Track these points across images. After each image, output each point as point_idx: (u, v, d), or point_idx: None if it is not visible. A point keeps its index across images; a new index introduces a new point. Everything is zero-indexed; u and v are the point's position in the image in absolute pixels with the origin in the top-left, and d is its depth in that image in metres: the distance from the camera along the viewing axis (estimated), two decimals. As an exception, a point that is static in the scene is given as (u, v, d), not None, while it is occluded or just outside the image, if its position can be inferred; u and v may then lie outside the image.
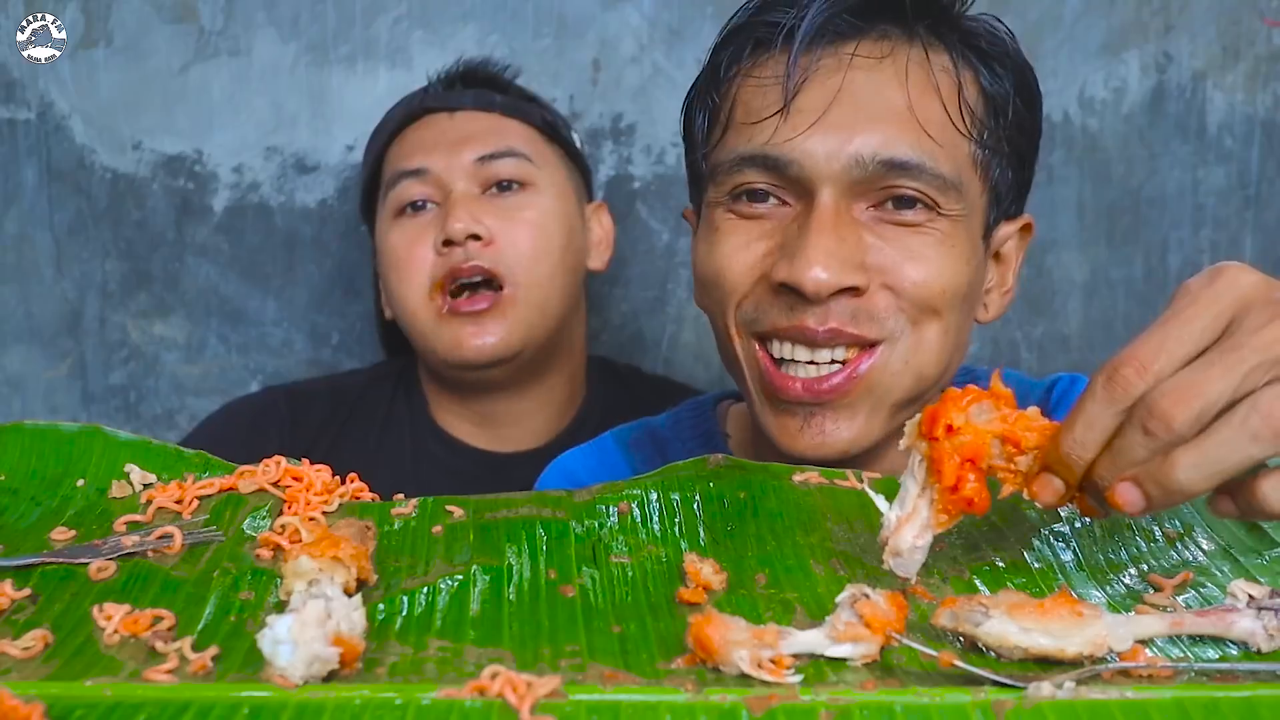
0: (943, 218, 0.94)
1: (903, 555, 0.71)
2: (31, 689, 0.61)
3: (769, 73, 0.95)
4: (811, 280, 0.90)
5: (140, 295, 1.71)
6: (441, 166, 1.44)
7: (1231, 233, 1.70)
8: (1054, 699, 0.59)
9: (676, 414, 1.20)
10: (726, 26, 1.00)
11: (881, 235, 0.93)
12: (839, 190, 0.92)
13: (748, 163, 0.95)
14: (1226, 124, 1.70)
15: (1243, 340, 0.63)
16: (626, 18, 1.66)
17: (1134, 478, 0.65)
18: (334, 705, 0.60)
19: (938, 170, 0.93)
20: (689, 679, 0.62)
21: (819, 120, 0.92)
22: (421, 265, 1.43)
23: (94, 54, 1.66)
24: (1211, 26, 1.68)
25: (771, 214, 0.96)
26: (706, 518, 0.80)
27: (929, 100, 0.94)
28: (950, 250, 0.94)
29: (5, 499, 0.85)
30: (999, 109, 0.97)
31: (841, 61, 0.94)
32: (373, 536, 0.77)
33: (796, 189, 0.94)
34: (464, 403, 1.51)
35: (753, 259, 0.96)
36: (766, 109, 0.94)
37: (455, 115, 1.47)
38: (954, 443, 0.69)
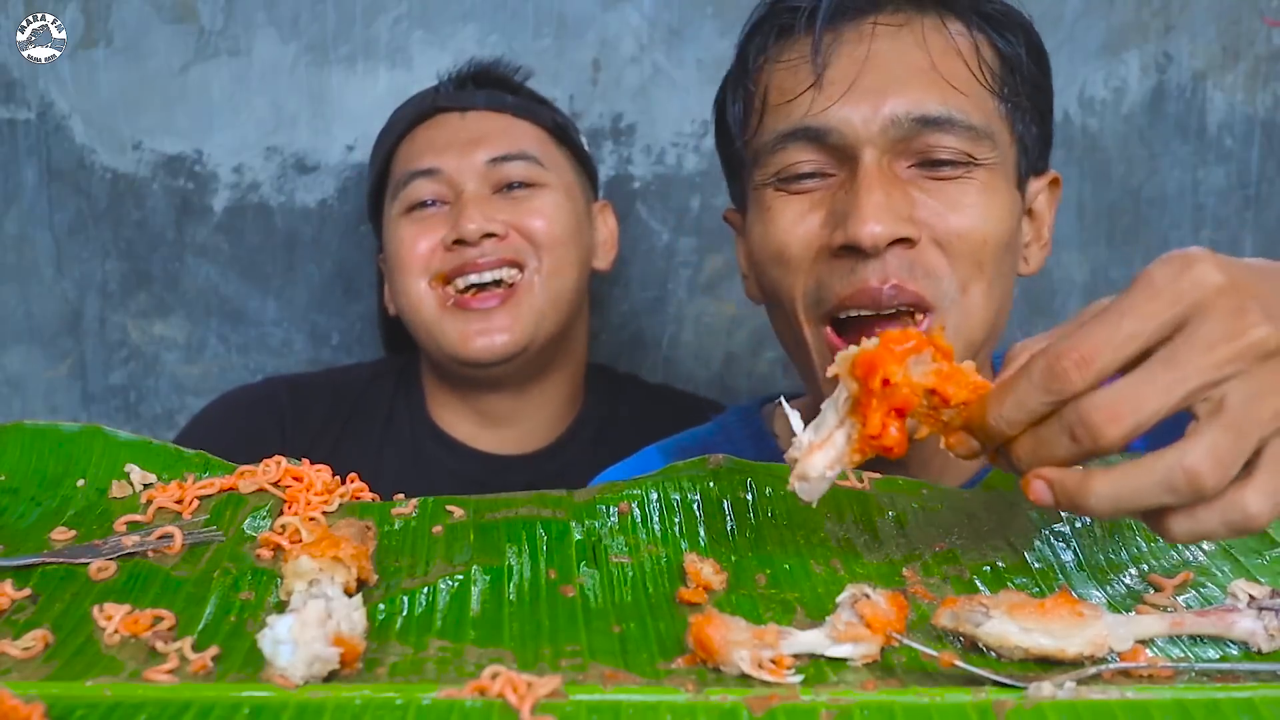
0: (979, 167, 0.98)
1: (809, 481, 0.70)
2: (32, 689, 0.61)
3: (796, 54, 1.00)
4: (868, 234, 0.94)
5: (140, 295, 1.71)
6: (453, 166, 1.44)
7: (1231, 233, 1.70)
8: (1054, 699, 0.59)
9: (722, 420, 1.23)
10: (749, 21, 1.05)
11: (924, 190, 0.97)
12: (879, 150, 0.97)
13: (789, 138, 0.99)
14: (1226, 124, 1.70)
15: (1188, 358, 0.61)
16: (626, 18, 1.66)
17: (1048, 479, 0.64)
18: (334, 705, 0.60)
19: (969, 121, 0.98)
20: (689, 679, 0.62)
21: (851, 87, 0.97)
22: (427, 258, 1.43)
23: (94, 54, 1.66)
24: (1211, 26, 1.68)
25: (818, 187, 1.00)
26: (707, 518, 0.80)
27: (950, 60, 0.99)
28: (990, 197, 0.99)
29: (5, 499, 0.85)
30: (1014, 67, 1.02)
31: (863, 33, 0.99)
32: (373, 536, 0.77)
33: (838, 157, 0.99)
34: (464, 400, 1.51)
35: (810, 230, 0.99)
36: (799, 86, 0.99)
37: (467, 115, 1.47)
38: (885, 394, 0.67)
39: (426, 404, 1.54)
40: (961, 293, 0.98)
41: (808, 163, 0.99)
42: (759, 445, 1.16)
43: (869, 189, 0.95)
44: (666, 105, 1.67)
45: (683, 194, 1.69)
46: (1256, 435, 0.61)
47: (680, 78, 1.67)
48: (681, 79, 1.67)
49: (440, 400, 1.52)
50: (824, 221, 0.99)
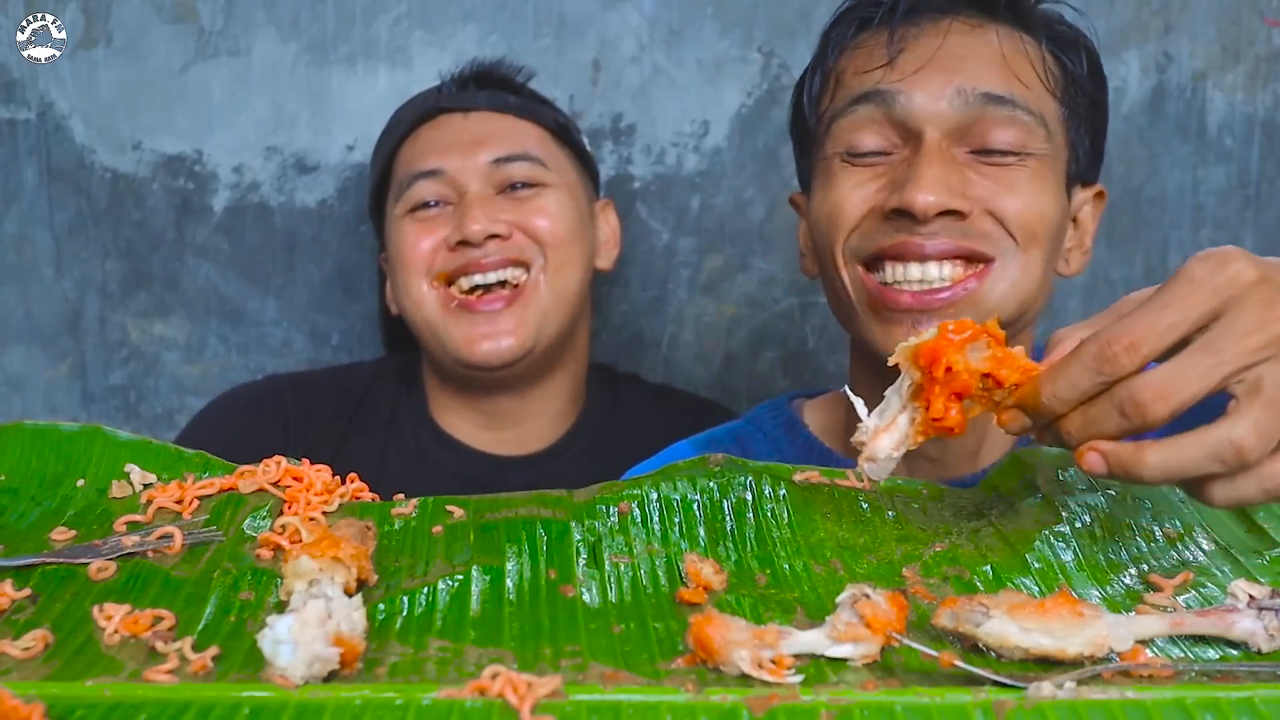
0: (1032, 156, 1.03)
1: (878, 462, 0.75)
2: (32, 689, 0.61)
3: (874, 41, 1.07)
4: (921, 201, 0.99)
5: (140, 295, 1.71)
6: (456, 167, 1.43)
7: (1231, 233, 1.70)
8: (1054, 699, 0.59)
9: (753, 414, 1.26)
10: (836, 13, 1.12)
11: (979, 172, 1.02)
12: (942, 130, 1.02)
13: (859, 101, 1.05)
14: (1226, 124, 1.70)
15: (1226, 344, 0.68)
16: (626, 18, 1.66)
17: (1103, 451, 0.70)
18: (334, 705, 0.60)
19: (1029, 106, 1.02)
20: (689, 679, 0.62)
21: (923, 67, 1.03)
22: (430, 258, 1.43)
23: (94, 54, 1.66)
24: (1211, 26, 1.68)
25: (881, 163, 1.05)
26: (707, 518, 0.80)
27: (1018, 58, 1.04)
28: (1042, 185, 1.03)
29: (5, 499, 0.85)
30: (1076, 80, 1.07)
31: (940, 28, 1.05)
32: (373, 537, 0.77)
33: (902, 133, 1.04)
34: (466, 400, 1.50)
35: (866, 194, 1.05)
36: (874, 63, 1.05)
37: (469, 116, 1.47)
38: (947, 379, 0.73)
39: (428, 404, 1.54)
40: (1021, 249, 1.02)
41: (873, 138, 1.05)
42: (792, 435, 1.19)
43: (928, 163, 1.00)
44: (666, 105, 1.67)
45: (683, 194, 1.69)
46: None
47: (680, 78, 1.67)
48: (681, 79, 1.67)
49: (442, 401, 1.52)
50: (881, 189, 1.04)
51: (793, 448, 1.18)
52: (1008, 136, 1.02)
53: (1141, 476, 0.69)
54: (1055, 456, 0.82)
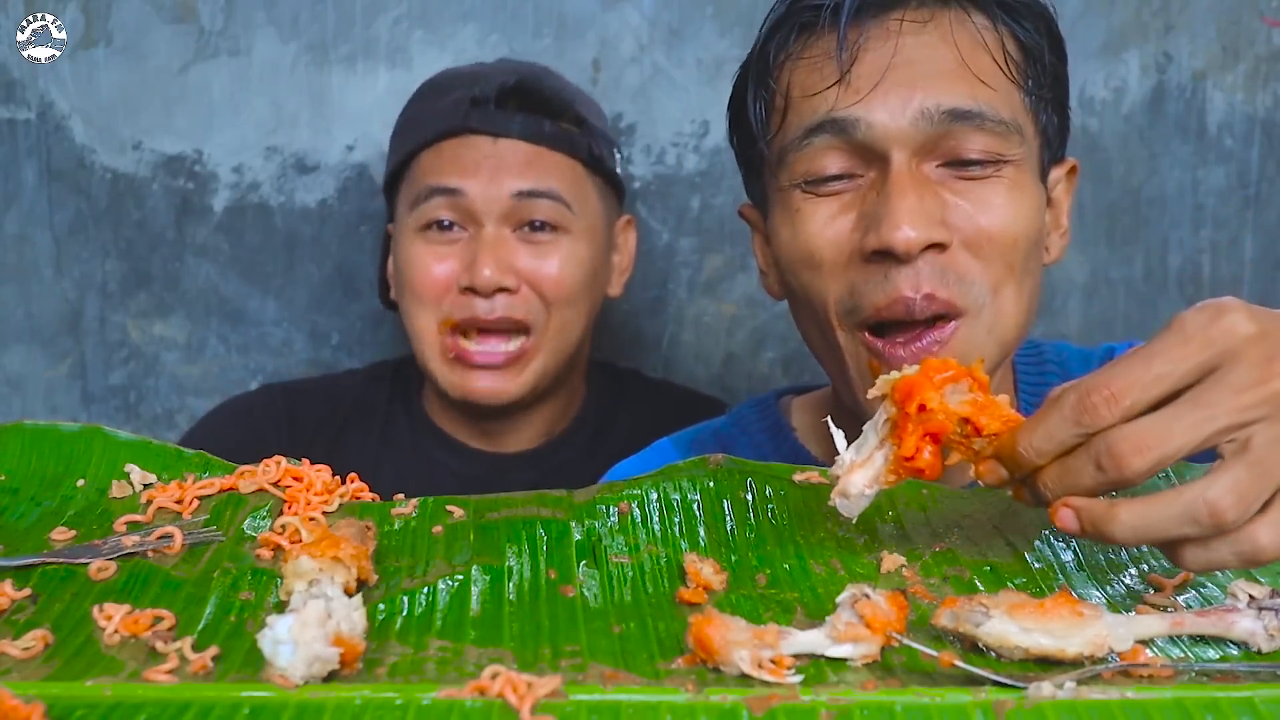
0: (1007, 164, 0.97)
1: (849, 499, 0.73)
2: (32, 689, 0.61)
3: (819, 51, 0.99)
4: (902, 239, 0.92)
5: (140, 295, 1.71)
6: (477, 193, 1.40)
7: (1231, 233, 1.70)
8: (1054, 699, 0.59)
9: (738, 413, 1.22)
10: (768, 19, 1.04)
11: (954, 191, 0.96)
12: (909, 150, 0.95)
13: (815, 132, 0.98)
14: (1226, 124, 1.70)
15: (1217, 399, 0.64)
16: (626, 18, 1.66)
17: (1075, 508, 0.67)
18: (334, 705, 0.60)
19: (998, 116, 0.96)
20: (689, 679, 0.62)
21: (879, 83, 0.96)
22: (439, 295, 1.40)
23: (94, 54, 1.66)
24: (1211, 26, 1.68)
25: (846, 188, 0.98)
26: (707, 518, 0.80)
27: (977, 54, 0.98)
28: (1019, 195, 0.98)
29: (5, 499, 0.85)
30: (1036, 57, 1.01)
31: (889, 30, 0.97)
32: (373, 537, 0.77)
33: (865, 156, 0.97)
34: (464, 410, 1.50)
35: (841, 234, 0.98)
36: (824, 82, 0.97)
37: (499, 141, 1.41)
38: (921, 419, 0.71)
39: (426, 407, 1.54)
40: (993, 295, 0.97)
41: (835, 164, 0.98)
42: (776, 439, 1.15)
43: (901, 192, 0.94)
44: (666, 105, 1.67)
45: (683, 194, 1.69)
46: (1279, 475, 0.64)
47: (680, 78, 1.67)
48: (681, 79, 1.67)
49: (439, 404, 1.52)
50: (854, 225, 0.97)
51: (777, 454, 1.14)
52: (980, 147, 0.96)
53: (1114, 536, 0.66)
54: (1055, 456, 0.82)
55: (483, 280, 1.37)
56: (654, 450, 1.19)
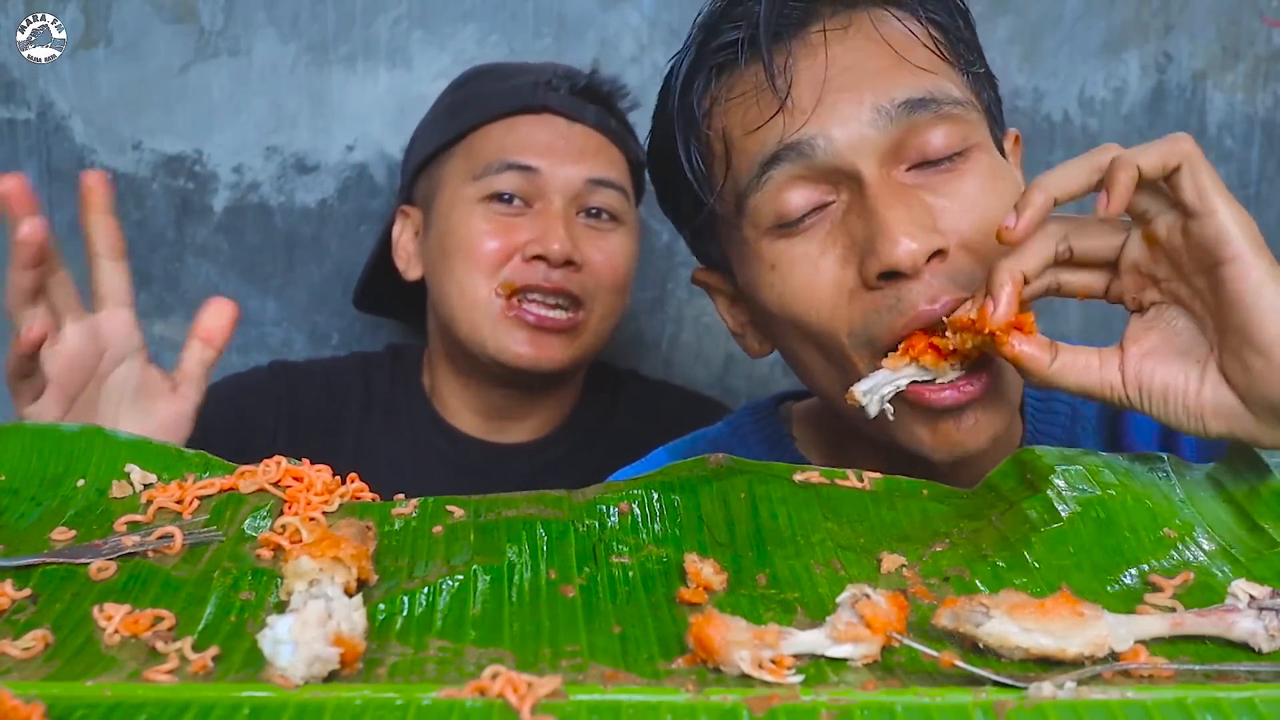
0: (974, 149, 0.93)
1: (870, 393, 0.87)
2: (32, 689, 0.61)
3: (748, 86, 0.93)
4: (905, 253, 0.87)
5: (140, 295, 1.71)
6: (551, 172, 1.42)
7: (1231, 233, 1.70)
8: (1055, 699, 0.59)
9: (735, 420, 1.17)
10: (677, 69, 0.98)
11: (933, 191, 0.91)
12: (877, 159, 0.90)
13: (771, 164, 0.91)
14: (1226, 124, 1.70)
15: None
16: (626, 18, 1.66)
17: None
18: (334, 705, 0.60)
19: (952, 96, 0.92)
20: (690, 679, 0.62)
21: (822, 96, 0.90)
22: (499, 262, 1.41)
23: (94, 54, 1.66)
24: (1211, 26, 1.68)
25: (819, 221, 0.92)
26: (707, 518, 0.80)
27: (908, 45, 0.93)
28: (996, 180, 0.93)
29: (5, 499, 0.85)
30: (957, 35, 0.97)
31: (813, 44, 0.92)
32: (373, 536, 0.77)
33: (833, 178, 0.91)
34: (470, 391, 1.50)
35: (832, 275, 0.91)
36: (765, 113, 0.92)
37: (573, 125, 1.44)
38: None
39: (426, 392, 1.54)
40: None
41: (802, 197, 0.91)
42: (776, 450, 1.11)
43: (888, 204, 0.88)
44: (666, 105, 1.67)
45: (683, 194, 1.69)
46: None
47: (680, 78, 1.66)
48: (681, 79, 1.66)
49: (443, 389, 1.52)
50: (843, 258, 0.91)
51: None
52: (943, 139, 0.91)
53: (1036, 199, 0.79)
54: (1056, 456, 0.83)
55: (555, 251, 1.38)
56: (651, 460, 1.16)
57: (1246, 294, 0.76)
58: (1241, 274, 0.76)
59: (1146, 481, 0.81)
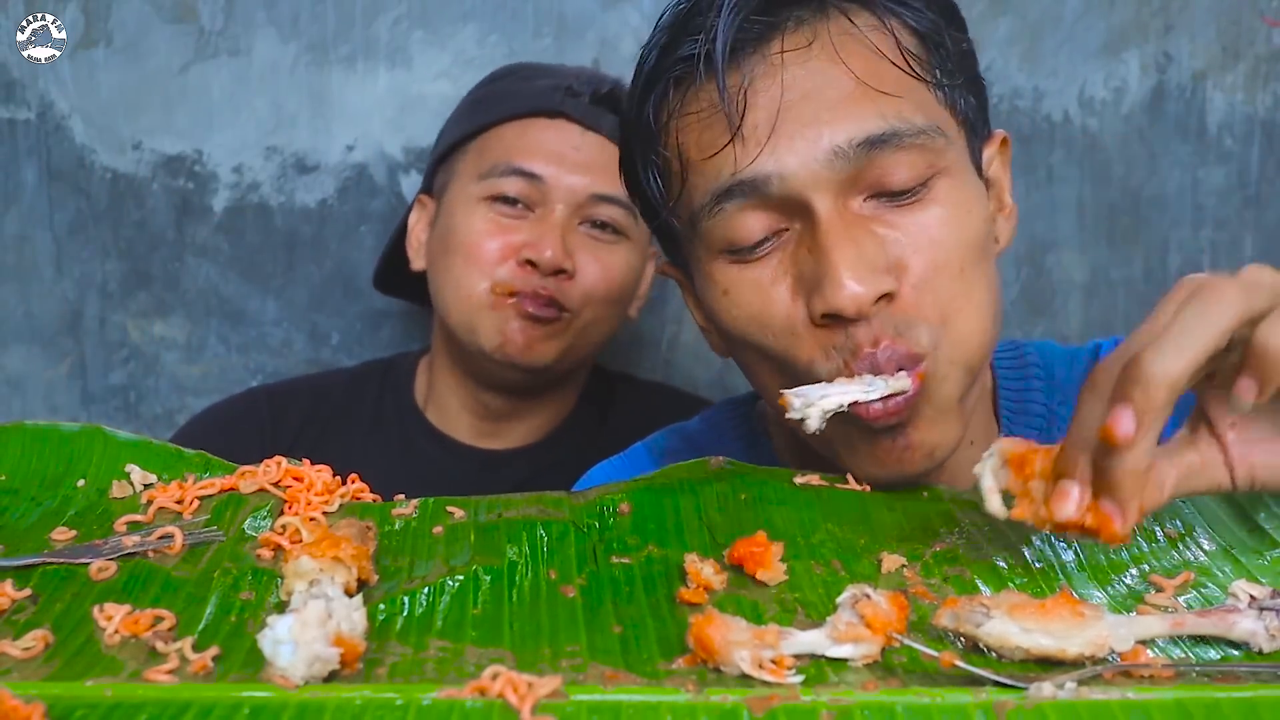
0: (937, 176, 0.88)
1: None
2: (32, 689, 0.61)
3: (704, 104, 0.89)
4: (849, 298, 0.84)
5: (140, 295, 1.71)
6: (556, 181, 1.41)
7: (1231, 233, 1.70)
8: (1055, 699, 0.59)
9: (711, 416, 1.15)
10: (639, 76, 0.95)
11: (888, 224, 0.87)
12: (831, 193, 0.86)
13: (724, 198, 0.88)
14: (1226, 124, 1.70)
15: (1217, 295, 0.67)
16: (626, 18, 1.66)
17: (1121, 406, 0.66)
18: (335, 705, 0.60)
19: (916, 126, 0.87)
20: (690, 679, 0.62)
21: (775, 130, 0.86)
22: (496, 263, 1.41)
23: (94, 54, 1.66)
24: (1211, 26, 1.68)
25: (773, 249, 0.89)
26: (707, 519, 0.80)
27: (874, 65, 0.88)
28: (958, 206, 0.89)
29: (5, 499, 0.85)
30: (937, 43, 0.92)
31: (772, 65, 0.87)
32: (373, 537, 0.77)
33: (786, 209, 0.88)
34: (464, 394, 1.50)
35: (784, 307, 0.88)
36: (718, 139, 0.88)
37: (587, 134, 1.43)
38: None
39: (417, 401, 1.54)
40: (947, 327, 0.88)
41: (756, 226, 0.88)
42: (752, 450, 1.09)
43: (837, 244, 0.84)
44: (666, 105, 1.67)
45: (683, 194, 1.69)
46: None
47: (680, 78, 1.66)
48: (681, 79, 1.67)
49: (437, 397, 1.53)
50: (792, 291, 0.88)
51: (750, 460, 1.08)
52: (904, 172, 0.86)
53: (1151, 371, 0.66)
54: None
55: (547, 259, 1.38)
56: (629, 455, 1.15)
57: None
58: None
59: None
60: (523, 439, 1.53)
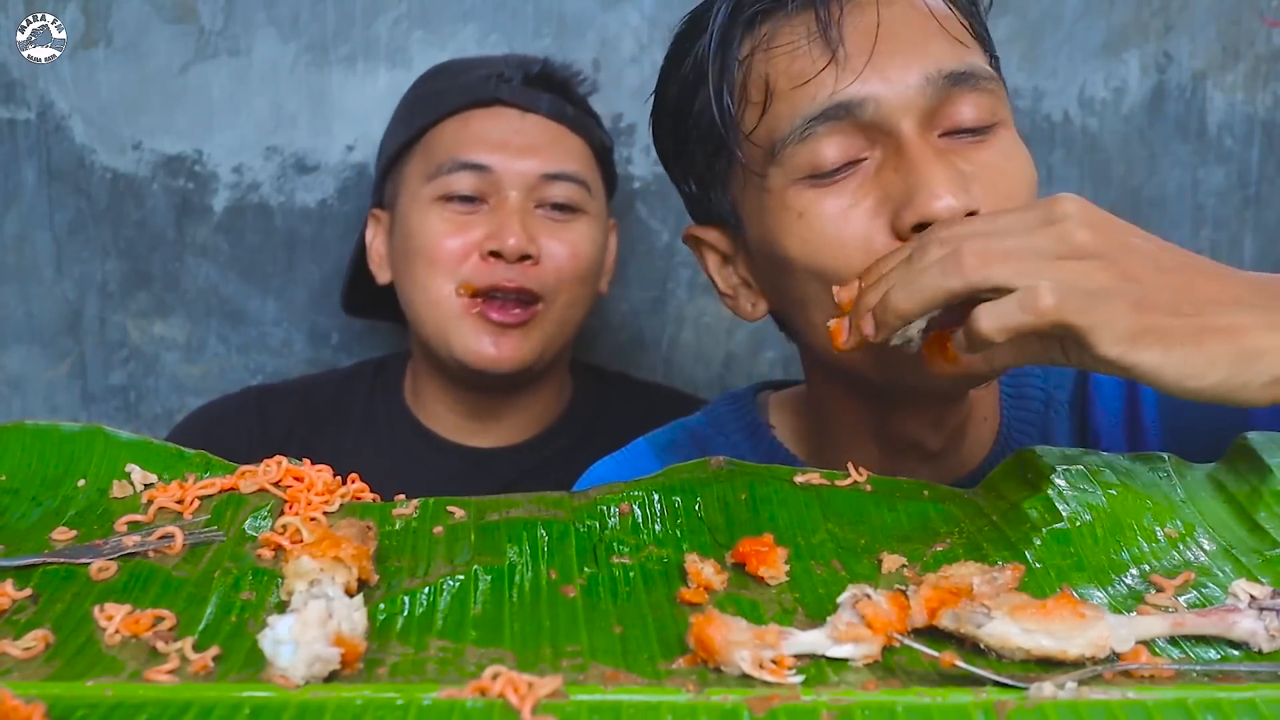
0: (999, 124, 0.94)
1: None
2: (32, 689, 0.61)
3: (795, 35, 0.93)
4: (945, 208, 0.87)
5: (140, 295, 1.71)
6: (505, 169, 1.41)
7: (1231, 233, 1.71)
8: (1056, 699, 0.59)
9: (712, 410, 1.17)
10: (719, 14, 0.97)
11: (964, 158, 0.92)
12: (917, 119, 0.91)
13: (818, 121, 0.91)
14: (1226, 124, 1.70)
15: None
16: (626, 18, 1.66)
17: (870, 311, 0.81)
18: (335, 705, 0.60)
19: (986, 71, 0.94)
20: (690, 679, 0.62)
21: (873, 58, 0.91)
22: (459, 261, 1.41)
23: (94, 54, 1.66)
24: (1211, 26, 1.68)
25: (853, 175, 0.92)
26: (708, 519, 0.80)
27: (947, 16, 0.95)
28: (1018, 155, 0.95)
29: (6, 499, 0.85)
30: (978, 17, 0.99)
31: (861, 4, 0.93)
32: (374, 537, 0.77)
33: (869, 136, 0.92)
34: (454, 397, 1.50)
35: (862, 227, 0.91)
36: (812, 67, 0.92)
37: (526, 116, 1.44)
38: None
39: (407, 401, 1.54)
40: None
41: (839, 150, 0.92)
42: (754, 438, 1.11)
43: (929, 161, 0.89)
44: (667, 105, 1.67)
45: (683, 194, 1.69)
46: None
47: (680, 78, 1.66)
48: (682, 79, 1.66)
49: (424, 396, 1.53)
50: (874, 210, 0.91)
51: (754, 453, 1.10)
52: (975, 111, 0.92)
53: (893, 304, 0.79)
54: (1057, 456, 0.83)
55: (510, 247, 1.38)
56: (630, 450, 1.16)
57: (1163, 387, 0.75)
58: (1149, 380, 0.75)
59: (1147, 481, 0.81)
60: (513, 436, 1.53)
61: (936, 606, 0.67)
